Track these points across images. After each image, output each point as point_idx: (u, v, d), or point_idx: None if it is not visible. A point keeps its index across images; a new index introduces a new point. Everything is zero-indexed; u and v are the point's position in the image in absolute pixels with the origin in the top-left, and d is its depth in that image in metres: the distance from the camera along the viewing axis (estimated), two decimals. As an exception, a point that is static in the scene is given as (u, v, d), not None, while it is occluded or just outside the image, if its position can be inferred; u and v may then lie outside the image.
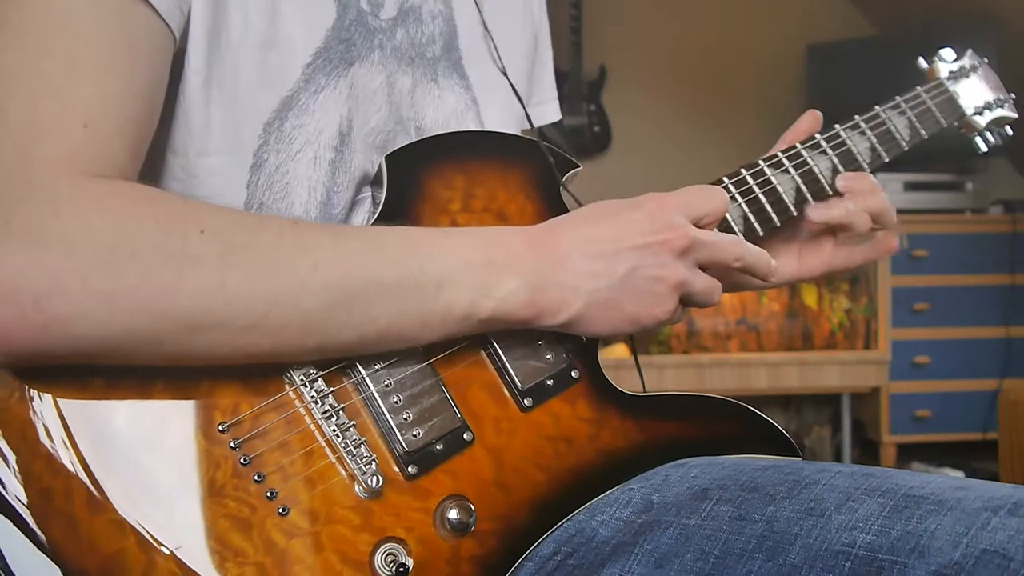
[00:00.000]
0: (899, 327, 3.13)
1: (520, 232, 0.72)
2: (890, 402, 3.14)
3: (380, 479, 0.67)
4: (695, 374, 3.06)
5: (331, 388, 0.69)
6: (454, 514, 0.68)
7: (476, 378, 0.73)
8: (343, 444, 0.68)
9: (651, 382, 0.86)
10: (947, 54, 1.05)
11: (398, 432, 0.69)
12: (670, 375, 3.03)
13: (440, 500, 0.69)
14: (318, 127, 0.77)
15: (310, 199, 0.77)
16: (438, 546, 0.68)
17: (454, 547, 0.68)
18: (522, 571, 0.72)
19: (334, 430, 0.68)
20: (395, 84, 0.83)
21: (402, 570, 0.66)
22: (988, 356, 3.15)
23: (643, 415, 0.77)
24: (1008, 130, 1.08)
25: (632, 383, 0.81)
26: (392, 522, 0.67)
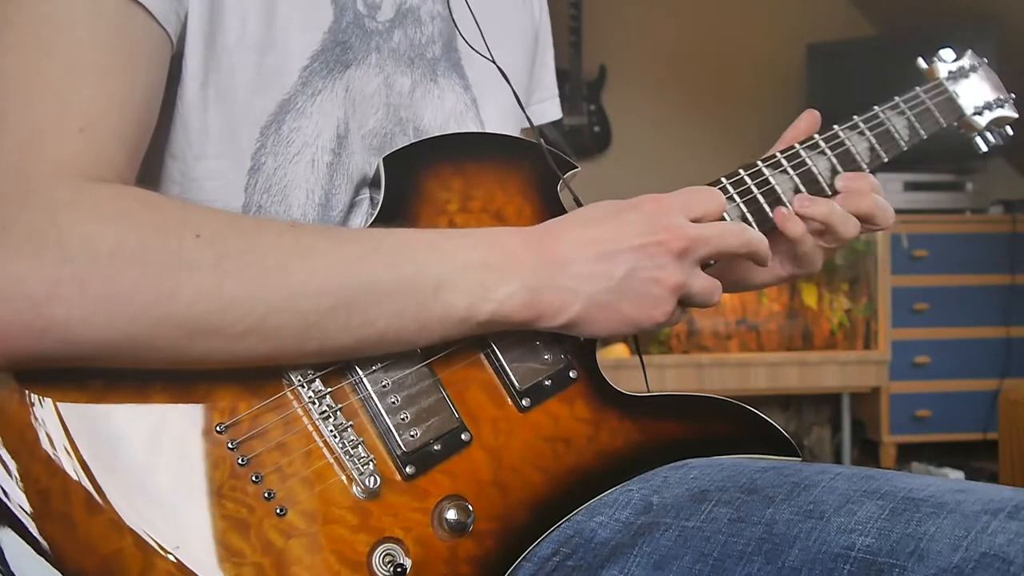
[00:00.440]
0: (899, 327, 3.13)
1: (518, 233, 0.72)
2: (890, 402, 3.14)
3: (378, 479, 0.67)
4: (695, 374, 3.06)
5: (329, 389, 0.69)
6: (452, 514, 0.68)
7: (474, 378, 0.73)
8: (341, 445, 0.67)
9: (651, 382, 0.86)
10: (947, 54, 1.05)
11: (396, 432, 0.69)
12: (670, 375, 3.03)
13: (438, 500, 0.69)
14: (316, 130, 0.77)
15: (308, 201, 0.77)
16: (436, 546, 0.68)
17: (452, 547, 0.68)
18: (521, 572, 0.72)
19: (332, 431, 0.68)
20: (393, 86, 0.82)
21: (400, 570, 0.66)
22: (988, 356, 3.16)
23: (642, 415, 0.77)
24: (1008, 130, 1.07)
25: (631, 383, 0.81)
26: (390, 522, 0.67)
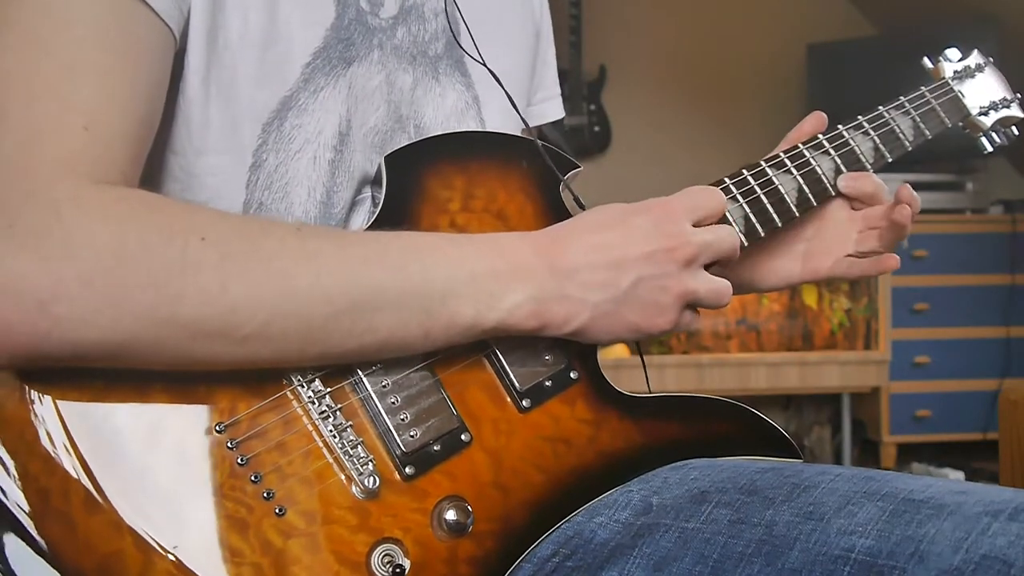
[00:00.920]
0: (899, 327, 3.13)
1: (525, 240, 0.72)
2: (890, 402, 3.14)
3: (377, 480, 0.67)
4: (695, 374, 3.06)
5: (328, 389, 0.68)
6: (452, 515, 0.68)
7: (474, 379, 0.73)
8: (340, 445, 0.67)
9: (651, 382, 0.86)
10: (952, 54, 1.04)
11: (395, 433, 0.69)
12: (670, 375, 3.03)
13: (437, 501, 0.69)
14: (317, 127, 0.77)
15: (309, 199, 0.77)
16: (435, 547, 0.68)
17: (451, 548, 0.68)
18: (520, 572, 0.72)
19: (331, 430, 0.67)
20: (395, 83, 0.82)
21: (399, 571, 0.66)
22: (988, 356, 3.16)
23: (643, 416, 0.77)
24: (1014, 130, 1.07)
25: (631, 383, 0.81)
26: (389, 523, 0.67)
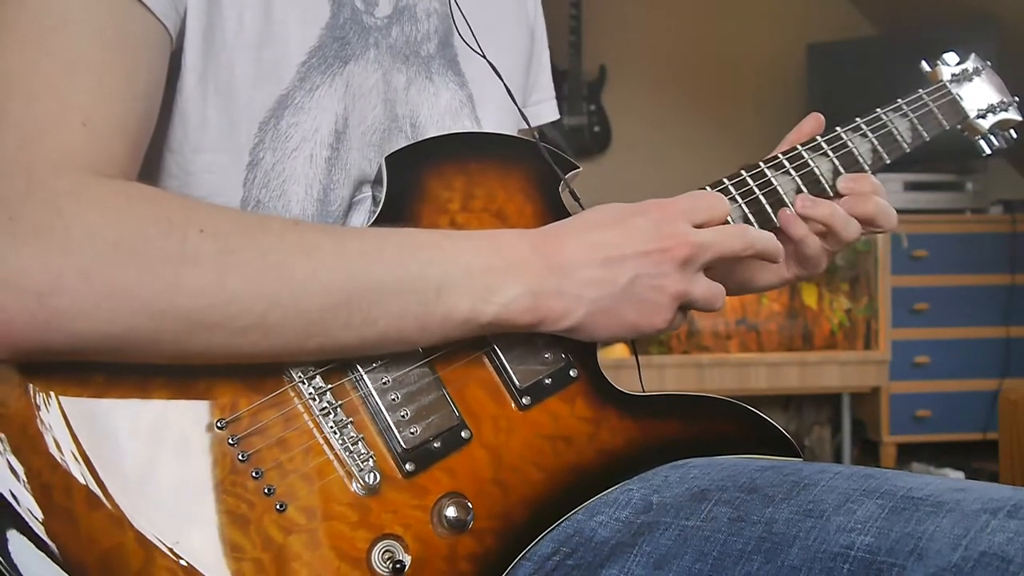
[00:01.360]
0: (899, 327, 3.13)
1: (523, 236, 0.72)
2: (890, 402, 3.14)
3: (377, 476, 0.67)
4: (695, 374, 3.06)
5: (329, 385, 0.69)
6: (452, 512, 0.68)
7: (474, 376, 0.73)
8: (340, 441, 0.68)
9: (651, 382, 0.86)
10: (950, 57, 1.05)
11: (395, 429, 0.69)
12: (670, 375, 3.03)
13: (438, 498, 0.69)
14: (314, 125, 0.77)
15: (307, 197, 0.77)
16: (435, 544, 0.68)
17: (452, 545, 0.68)
18: (520, 570, 0.72)
19: (332, 427, 0.68)
20: (390, 82, 0.83)
21: (399, 567, 0.66)
22: (988, 356, 3.16)
23: (642, 415, 0.77)
24: (1012, 133, 1.07)
25: (632, 383, 0.81)
26: (389, 519, 0.67)
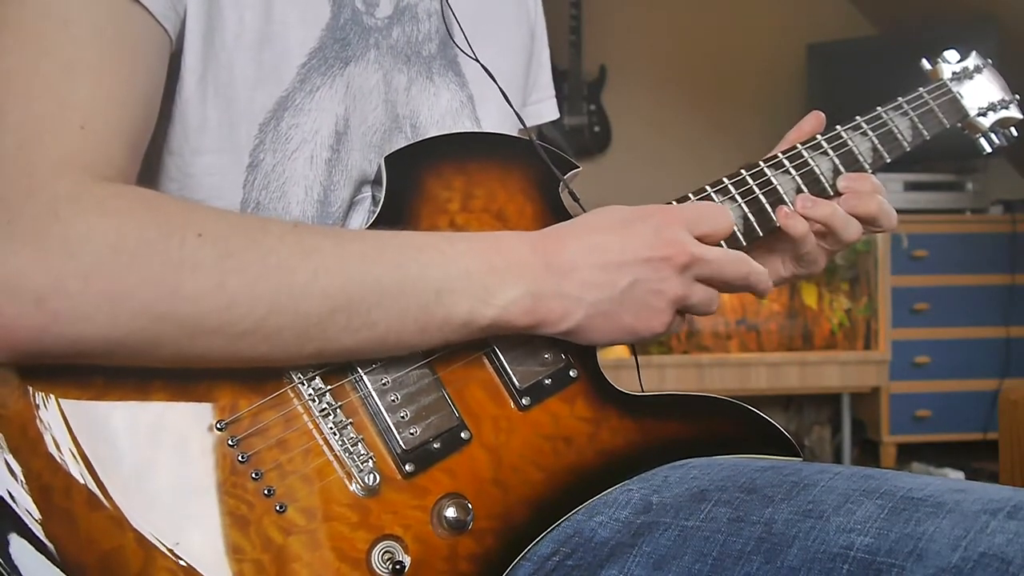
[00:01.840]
0: (899, 327, 3.13)
1: (523, 238, 0.72)
2: (890, 402, 3.14)
3: (377, 477, 0.67)
4: (695, 374, 3.05)
5: (329, 386, 0.69)
6: (451, 512, 0.68)
7: (474, 377, 0.73)
8: (340, 442, 0.68)
9: (651, 382, 0.86)
10: (951, 55, 1.05)
11: (395, 430, 0.69)
12: (670, 375, 3.03)
13: (437, 498, 0.69)
14: (314, 126, 0.77)
15: (307, 198, 0.77)
16: (435, 544, 0.68)
17: (451, 545, 0.68)
18: (520, 571, 0.72)
19: (331, 428, 0.68)
20: (391, 82, 0.82)
21: (399, 568, 0.66)
22: (988, 356, 3.15)
23: (642, 415, 0.77)
24: (1013, 131, 1.07)
25: (632, 383, 0.81)
26: (389, 520, 0.67)
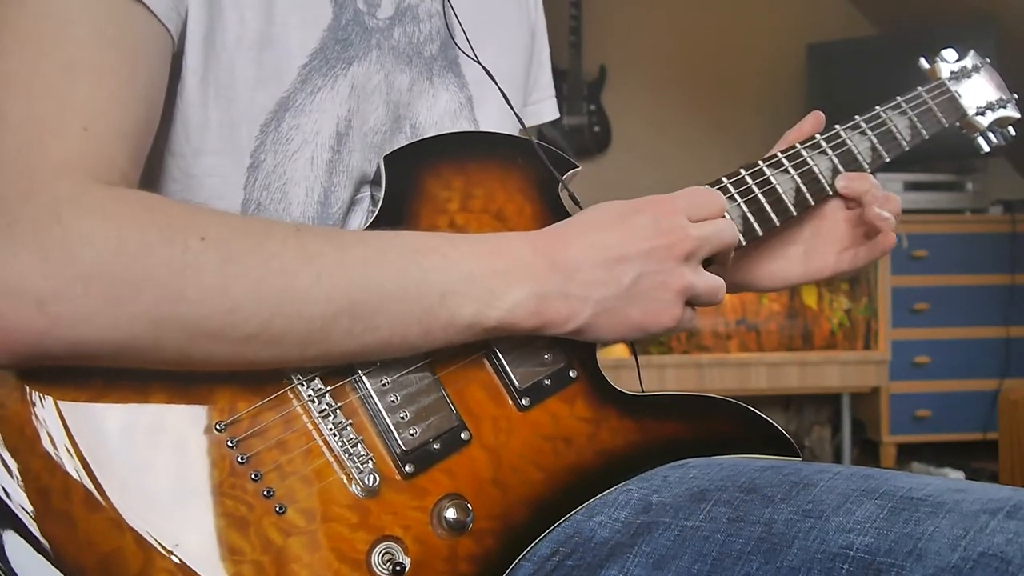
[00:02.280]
0: (899, 327, 3.13)
1: (525, 239, 0.72)
2: (890, 402, 3.14)
3: (377, 478, 0.67)
4: (695, 374, 3.06)
5: (328, 387, 0.69)
6: (451, 513, 0.68)
7: (474, 377, 0.73)
8: (340, 443, 0.67)
9: (651, 382, 0.86)
10: (949, 54, 1.05)
11: (395, 431, 0.69)
12: (670, 375, 3.03)
13: (437, 499, 0.69)
14: (315, 127, 0.77)
15: (308, 199, 0.77)
16: (435, 545, 0.68)
17: (451, 546, 0.68)
18: (520, 571, 0.72)
19: (331, 429, 0.68)
20: (393, 83, 0.82)
21: (399, 569, 0.66)
22: (988, 356, 3.16)
23: (642, 415, 0.77)
24: (1011, 130, 1.07)
25: (631, 383, 0.81)
26: (389, 521, 0.67)
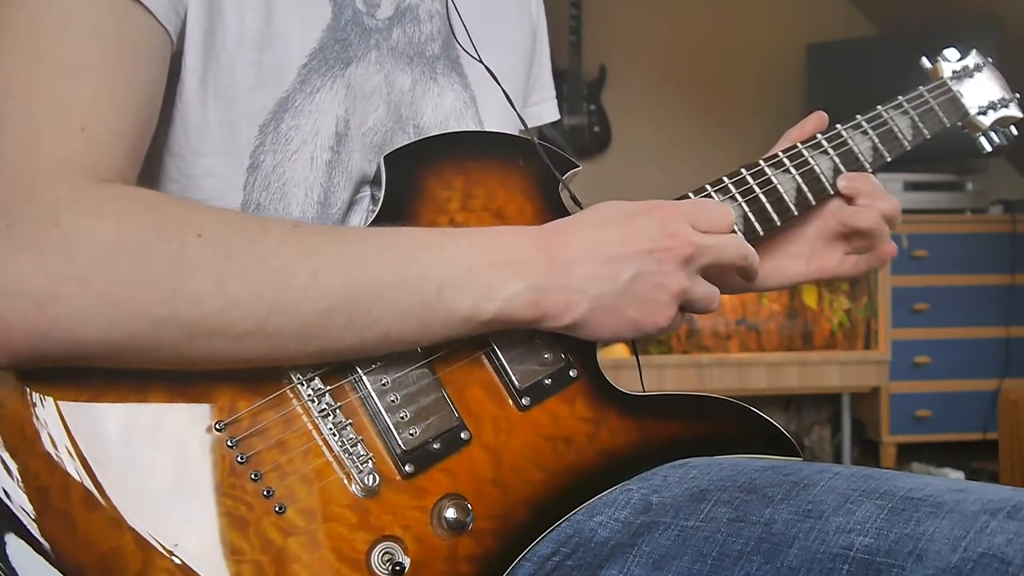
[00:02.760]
0: (899, 327, 3.13)
1: (524, 233, 0.72)
2: (890, 402, 3.14)
3: (377, 478, 0.67)
4: (695, 374, 3.06)
5: (328, 387, 0.68)
6: (451, 513, 0.68)
7: (474, 377, 0.73)
8: (340, 443, 0.67)
9: (651, 382, 0.86)
10: (951, 54, 1.05)
11: (395, 431, 0.69)
12: (670, 375, 3.03)
13: (437, 499, 0.69)
14: (314, 128, 0.77)
15: (307, 199, 0.77)
16: (435, 545, 0.68)
17: (451, 546, 0.68)
18: (520, 571, 0.72)
19: (331, 428, 0.68)
20: (394, 83, 0.82)
21: (399, 569, 0.66)
22: (988, 356, 3.15)
23: (642, 415, 0.77)
24: (1013, 130, 1.07)
25: (631, 383, 0.81)
26: (389, 521, 0.67)
